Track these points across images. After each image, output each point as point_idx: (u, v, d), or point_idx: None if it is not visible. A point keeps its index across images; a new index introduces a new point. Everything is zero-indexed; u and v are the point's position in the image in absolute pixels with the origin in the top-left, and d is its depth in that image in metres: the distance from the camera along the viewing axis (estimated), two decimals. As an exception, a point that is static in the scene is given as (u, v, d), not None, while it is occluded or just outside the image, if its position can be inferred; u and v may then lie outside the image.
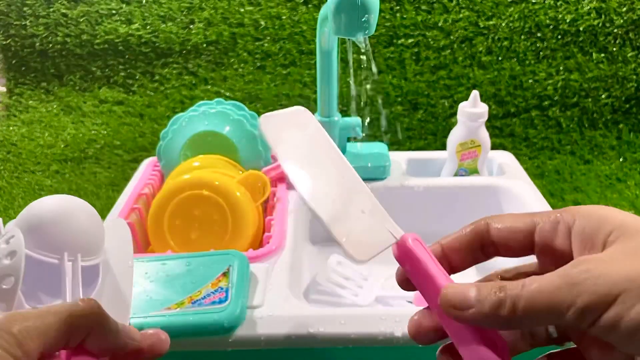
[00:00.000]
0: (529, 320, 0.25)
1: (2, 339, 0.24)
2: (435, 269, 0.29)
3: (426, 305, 0.30)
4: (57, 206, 0.35)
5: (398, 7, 1.12)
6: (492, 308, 0.26)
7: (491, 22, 1.11)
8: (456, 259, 0.30)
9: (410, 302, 0.59)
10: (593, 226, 0.27)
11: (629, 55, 1.10)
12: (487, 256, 0.31)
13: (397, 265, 0.31)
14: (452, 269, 0.30)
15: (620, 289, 0.23)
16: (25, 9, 1.18)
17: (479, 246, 0.30)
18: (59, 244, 0.34)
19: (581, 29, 1.09)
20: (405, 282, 0.31)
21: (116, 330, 0.29)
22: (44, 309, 0.27)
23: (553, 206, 0.75)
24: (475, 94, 0.71)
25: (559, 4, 1.10)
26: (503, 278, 0.32)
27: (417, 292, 0.30)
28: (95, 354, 0.28)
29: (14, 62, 1.21)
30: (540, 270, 0.30)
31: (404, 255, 0.30)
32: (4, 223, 0.35)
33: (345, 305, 0.60)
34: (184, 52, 1.16)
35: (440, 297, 0.27)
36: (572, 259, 0.26)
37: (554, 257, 0.28)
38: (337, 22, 0.54)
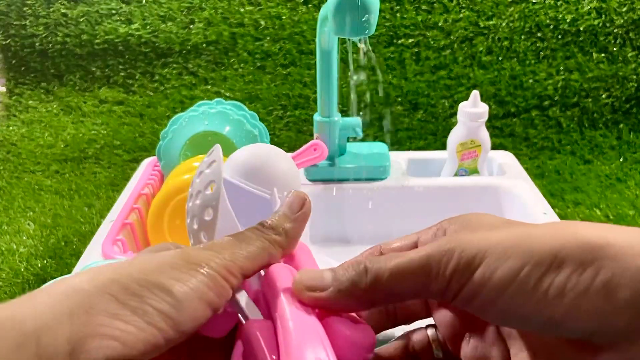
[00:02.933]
0: (393, 293, 0.24)
1: (212, 261, 0.25)
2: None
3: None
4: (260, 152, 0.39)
5: (398, 7, 1.12)
6: (351, 283, 0.24)
7: (491, 22, 1.11)
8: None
9: None
10: (463, 223, 0.29)
11: (629, 55, 1.10)
12: None
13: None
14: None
15: (484, 253, 0.23)
16: (25, 9, 1.18)
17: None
18: (268, 182, 0.36)
19: (581, 28, 1.09)
20: None
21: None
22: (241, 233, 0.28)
23: (553, 206, 0.75)
24: (475, 94, 0.71)
25: (559, 3, 1.10)
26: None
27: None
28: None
29: (13, 62, 1.21)
30: None
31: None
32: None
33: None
34: (184, 52, 1.16)
35: (294, 282, 0.26)
36: None
37: None
38: (337, 22, 0.54)
